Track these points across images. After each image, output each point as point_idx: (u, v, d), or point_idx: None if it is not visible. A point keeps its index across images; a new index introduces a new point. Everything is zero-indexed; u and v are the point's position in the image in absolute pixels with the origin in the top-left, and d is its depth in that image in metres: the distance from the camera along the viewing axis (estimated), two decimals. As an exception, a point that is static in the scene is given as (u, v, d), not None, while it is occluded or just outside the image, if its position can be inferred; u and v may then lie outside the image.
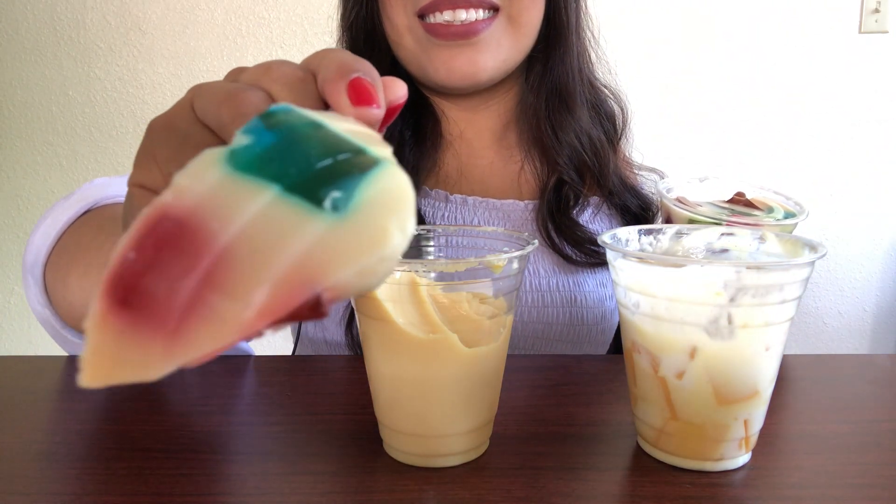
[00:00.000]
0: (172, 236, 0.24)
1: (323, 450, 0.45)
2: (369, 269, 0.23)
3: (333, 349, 0.73)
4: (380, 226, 0.24)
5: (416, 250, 0.48)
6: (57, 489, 0.40)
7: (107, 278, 0.23)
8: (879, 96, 1.85)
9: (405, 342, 0.40)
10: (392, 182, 0.25)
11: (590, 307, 0.74)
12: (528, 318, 0.72)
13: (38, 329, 1.93)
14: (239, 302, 0.23)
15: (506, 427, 0.47)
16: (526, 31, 0.72)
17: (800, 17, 1.81)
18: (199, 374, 0.61)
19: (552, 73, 0.76)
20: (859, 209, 1.91)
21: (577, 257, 0.74)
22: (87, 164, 1.85)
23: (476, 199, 0.76)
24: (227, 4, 1.79)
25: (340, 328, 0.70)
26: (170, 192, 0.24)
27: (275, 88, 0.31)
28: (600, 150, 0.78)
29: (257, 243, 0.23)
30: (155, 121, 0.34)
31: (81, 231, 0.62)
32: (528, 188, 0.79)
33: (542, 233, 0.74)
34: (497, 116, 0.81)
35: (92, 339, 0.23)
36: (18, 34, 1.80)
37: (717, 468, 0.42)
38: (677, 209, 0.57)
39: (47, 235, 0.62)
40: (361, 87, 0.30)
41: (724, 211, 0.58)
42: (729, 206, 0.59)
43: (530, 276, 0.73)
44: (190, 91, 0.33)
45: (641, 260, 0.41)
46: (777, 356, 0.41)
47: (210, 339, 0.23)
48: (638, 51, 1.79)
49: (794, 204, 0.59)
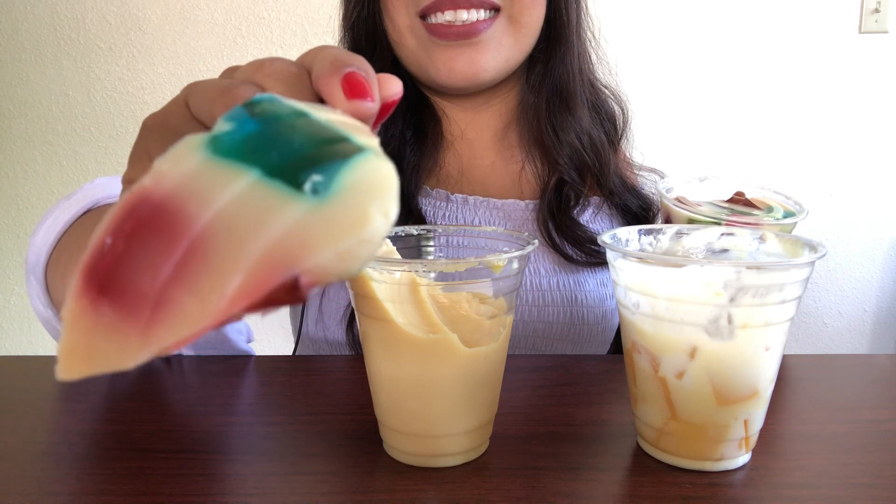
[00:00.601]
0: (150, 220, 0.23)
1: (323, 450, 0.45)
2: (349, 252, 0.23)
3: (334, 349, 0.73)
4: (360, 209, 0.23)
5: (416, 250, 0.48)
6: (57, 489, 0.40)
7: (83, 265, 0.23)
8: (879, 96, 1.85)
9: (405, 342, 0.40)
10: (375, 168, 0.25)
11: (590, 306, 0.74)
12: (528, 318, 0.72)
13: (38, 329, 1.93)
14: (215, 286, 0.22)
15: (506, 427, 0.47)
16: (527, 31, 0.73)
17: (800, 17, 1.81)
18: (199, 374, 0.61)
19: (553, 73, 0.76)
20: (859, 209, 1.91)
21: (578, 257, 0.74)
22: (87, 164, 1.85)
23: (477, 199, 0.76)
24: (227, 4, 1.79)
25: (341, 327, 0.70)
26: (149, 177, 0.24)
27: (269, 83, 0.31)
28: (601, 150, 0.78)
29: (235, 226, 0.23)
30: (149, 119, 0.35)
31: (80, 231, 0.62)
32: (528, 188, 0.79)
33: (543, 232, 0.75)
34: (498, 116, 0.81)
35: (68, 330, 0.23)
36: (18, 34, 1.80)
37: (717, 468, 0.42)
38: (677, 209, 0.57)
39: (48, 235, 0.62)
40: (355, 80, 0.30)
41: (724, 210, 0.58)
42: (729, 206, 0.59)
43: (531, 276, 0.73)
44: (184, 89, 0.33)
45: (641, 260, 0.41)
46: (777, 356, 0.41)
47: (186, 325, 0.22)
48: (637, 51, 1.79)
49: (793, 203, 0.59)
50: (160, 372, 0.61)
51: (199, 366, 0.63)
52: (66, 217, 0.63)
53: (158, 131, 0.33)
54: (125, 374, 0.59)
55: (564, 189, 0.76)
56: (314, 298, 0.73)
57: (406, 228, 0.48)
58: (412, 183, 0.74)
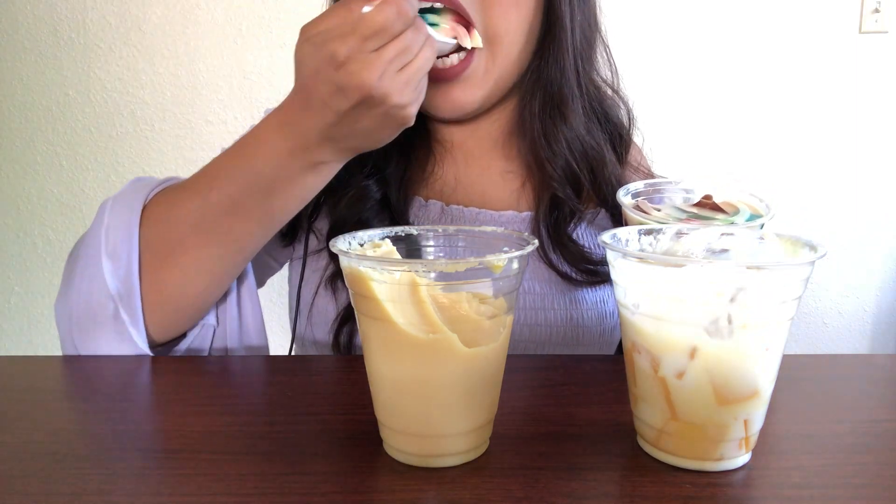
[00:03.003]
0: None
1: (323, 450, 0.45)
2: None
3: (321, 351, 0.73)
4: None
5: (416, 250, 0.48)
6: (57, 489, 0.40)
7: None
8: (879, 96, 1.85)
9: (405, 342, 0.40)
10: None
11: (587, 327, 0.72)
12: (518, 337, 0.70)
13: (38, 329, 1.93)
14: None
15: (506, 427, 0.47)
16: (506, 41, 0.68)
17: (800, 17, 1.81)
18: (199, 374, 0.61)
19: (546, 75, 0.73)
20: (859, 209, 1.91)
21: (575, 276, 0.72)
22: (87, 164, 1.85)
23: (473, 210, 0.74)
24: (227, 4, 1.79)
25: (328, 331, 0.70)
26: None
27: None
28: (596, 162, 0.74)
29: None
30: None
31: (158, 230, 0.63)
32: (526, 200, 0.77)
33: (538, 250, 0.72)
34: (499, 125, 0.78)
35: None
36: (18, 34, 1.80)
37: (717, 468, 0.42)
38: (632, 215, 0.57)
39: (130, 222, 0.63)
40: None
41: (686, 214, 0.57)
42: (694, 210, 0.59)
43: (524, 294, 0.71)
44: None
45: (641, 260, 0.41)
46: (777, 356, 0.41)
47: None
48: (636, 51, 1.79)
49: (764, 206, 0.58)
50: (160, 372, 0.61)
51: (199, 366, 0.63)
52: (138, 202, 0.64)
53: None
54: (125, 373, 0.60)
55: (559, 204, 0.74)
56: (304, 308, 0.73)
57: (406, 228, 0.48)
58: (400, 196, 0.73)
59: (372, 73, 0.52)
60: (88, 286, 0.62)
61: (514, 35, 0.69)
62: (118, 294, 0.61)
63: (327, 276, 0.72)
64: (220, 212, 0.60)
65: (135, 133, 1.84)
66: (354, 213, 0.71)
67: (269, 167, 0.58)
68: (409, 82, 0.54)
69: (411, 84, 0.54)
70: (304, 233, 0.74)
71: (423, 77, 0.56)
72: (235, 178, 0.60)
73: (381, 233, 0.47)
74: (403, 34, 0.52)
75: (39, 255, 1.89)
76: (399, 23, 0.52)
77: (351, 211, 0.71)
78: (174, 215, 0.62)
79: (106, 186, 1.85)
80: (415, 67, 0.54)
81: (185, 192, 0.63)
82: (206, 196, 0.60)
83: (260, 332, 0.73)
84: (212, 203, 0.60)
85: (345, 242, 0.44)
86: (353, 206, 0.71)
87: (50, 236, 1.88)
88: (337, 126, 0.55)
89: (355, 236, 0.46)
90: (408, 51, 0.53)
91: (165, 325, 0.64)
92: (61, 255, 1.88)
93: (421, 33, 0.54)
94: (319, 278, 0.72)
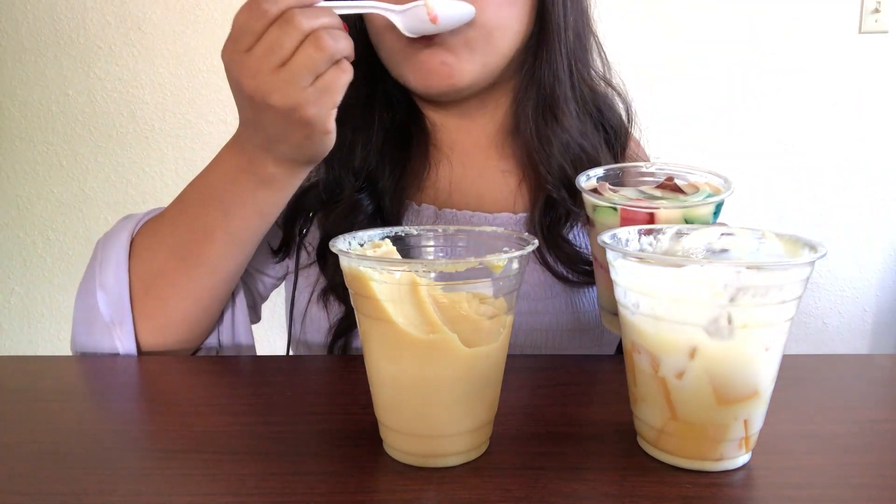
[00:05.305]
0: None
1: (323, 450, 0.45)
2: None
3: (313, 352, 0.73)
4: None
5: (416, 250, 0.48)
6: (57, 489, 0.40)
7: None
8: (879, 96, 1.85)
9: (405, 342, 0.40)
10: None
11: (585, 330, 0.72)
12: (514, 342, 0.70)
13: (38, 329, 1.93)
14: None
15: (506, 427, 0.47)
16: (501, 32, 0.67)
17: (800, 17, 1.81)
18: (199, 374, 0.61)
19: (538, 77, 0.72)
20: (859, 209, 1.91)
21: (572, 276, 0.71)
22: (87, 164, 1.85)
23: (467, 214, 0.74)
24: (227, 4, 1.79)
25: (322, 346, 0.70)
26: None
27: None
28: (589, 164, 0.72)
29: None
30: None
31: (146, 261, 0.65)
32: (522, 201, 0.76)
33: (535, 251, 0.72)
34: (493, 122, 0.77)
35: None
36: (18, 34, 1.80)
37: (717, 468, 0.42)
38: (587, 197, 0.57)
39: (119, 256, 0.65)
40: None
41: (641, 195, 0.57)
42: (654, 192, 0.59)
43: (520, 298, 0.71)
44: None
45: (641, 260, 0.41)
46: (777, 356, 0.41)
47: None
48: (636, 51, 1.79)
49: (723, 182, 0.58)
50: (160, 372, 0.61)
51: (199, 366, 0.63)
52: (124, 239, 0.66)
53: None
54: (125, 373, 0.60)
55: (553, 206, 0.73)
56: (298, 317, 0.73)
57: (406, 228, 0.48)
58: (394, 206, 0.72)
59: (243, 73, 0.51)
60: (87, 315, 0.65)
61: (506, 30, 0.68)
62: (111, 322, 0.64)
63: (318, 292, 0.72)
64: (189, 236, 0.63)
65: (135, 133, 1.84)
66: (345, 226, 0.69)
67: (223, 183, 0.60)
68: (292, 81, 0.50)
69: (295, 83, 0.51)
70: (296, 247, 0.75)
71: (310, 74, 0.51)
72: (196, 199, 0.63)
73: (381, 233, 0.47)
74: (268, 31, 0.50)
75: (39, 255, 1.89)
76: (255, 21, 0.50)
77: (341, 224, 0.70)
78: (155, 243, 0.65)
79: (106, 186, 1.85)
80: (296, 64, 0.50)
81: (161, 220, 0.66)
82: (176, 221, 0.64)
83: (247, 333, 0.73)
84: (180, 227, 0.63)
85: (345, 242, 0.44)
86: (343, 219, 0.71)
87: (50, 236, 1.88)
88: (259, 135, 0.56)
89: (355, 236, 0.46)
90: (276, 47, 0.50)
91: (163, 351, 0.66)
92: (61, 255, 1.88)
93: (291, 28, 0.50)
94: (310, 293, 0.72)
